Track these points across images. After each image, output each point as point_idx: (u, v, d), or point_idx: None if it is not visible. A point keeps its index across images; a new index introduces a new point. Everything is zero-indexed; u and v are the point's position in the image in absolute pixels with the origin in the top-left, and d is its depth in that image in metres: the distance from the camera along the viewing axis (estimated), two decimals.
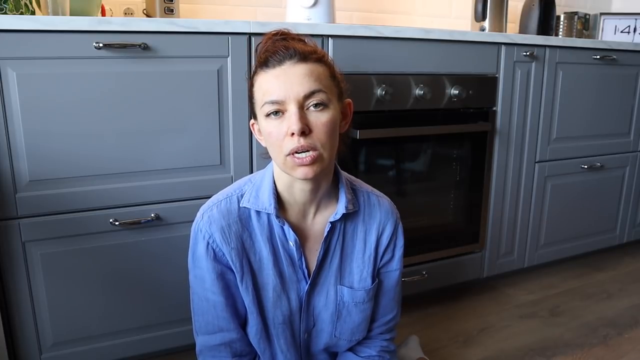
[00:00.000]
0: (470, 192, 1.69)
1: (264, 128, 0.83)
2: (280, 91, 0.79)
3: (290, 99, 0.79)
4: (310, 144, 0.80)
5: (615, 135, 1.98)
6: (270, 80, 0.81)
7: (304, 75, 0.80)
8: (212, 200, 0.93)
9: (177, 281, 1.30)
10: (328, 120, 0.81)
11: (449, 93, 1.55)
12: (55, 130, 1.12)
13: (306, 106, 0.80)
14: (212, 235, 0.88)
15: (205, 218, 0.90)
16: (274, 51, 0.82)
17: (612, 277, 2.02)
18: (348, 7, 2.00)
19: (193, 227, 0.91)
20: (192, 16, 1.76)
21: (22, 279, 1.16)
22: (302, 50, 0.81)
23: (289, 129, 0.79)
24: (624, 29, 2.32)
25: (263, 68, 0.82)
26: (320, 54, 0.84)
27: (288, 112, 0.80)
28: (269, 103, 0.80)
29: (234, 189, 0.93)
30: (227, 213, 0.90)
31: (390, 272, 1.01)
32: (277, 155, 0.83)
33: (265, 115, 0.81)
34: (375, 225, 0.97)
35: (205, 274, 0.90)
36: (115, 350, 1.29)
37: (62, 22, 1.07)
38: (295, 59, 0.80)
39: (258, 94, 0.83)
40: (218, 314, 0.92)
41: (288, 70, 0.80)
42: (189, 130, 1.24)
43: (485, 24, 1.98)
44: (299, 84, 0.79)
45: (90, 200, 1.18)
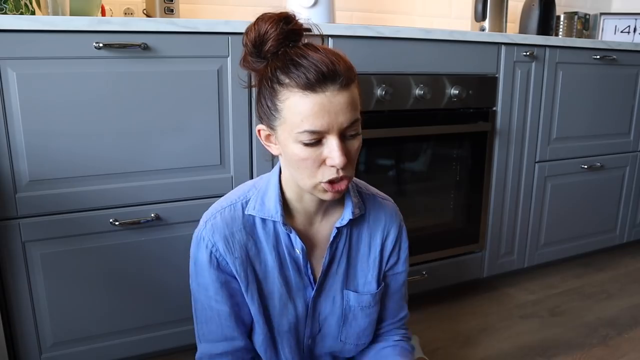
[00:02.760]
0: (470, 192, 1.69)
1: (295, 152, 0.77)
2: (324, 122, 0.73)
3: (333, 130, 0.74)
4: (347, 174, 0.78)
5: (615, 135, 1.98)
6: (313, 108, 0.73)
7: (348, 104, 0.75)
8: (215, 207, 0.89)
9: (177, 281, 1.30)
10: (360, 145, 0.80)
11: (449, 93, 1.55)
12: (55, 130, 1.12)
13: (345, 135, 0.77)
14: (215, 244, 0.85)
15: (208, 226, 0.86)
16: (306, 65, 0.73)
17: (612, 277, 2.02)
18: (348, 7, 2.00)
19: (195, 235, 0.88)
20: (192, 16, 1.76)
21: (22, 279, 1.16)
22: (345, 72, 0.74)
23: (328, 161, 0.76)
24: (624, 29, 2.32)
25: (298, 85, 0.73)
26: (354, 71, 0.78)
27: (328, 142, 0.75)
28: (309, 132, 0.74)
29: (238, 196, 0.89)
30: (231, 221, 0.86)
31: (397, 274, 0.99)
32: (306, 179, 0.79)
33: (301, 143, 0.75)
34: (380, 229, 0.95)
35: (208, 282, 0.87)
36: (115, 350, 1.29)
37: (62, 22, 1.07)
38: (338, 85, 0.73)
39: (291, 115, 0.75)
40: (222, 323, 0.89)
41: (333, 99, 0.73)
42: (189, 130, 1.24)
43: (485, 24, 1.98)
44: (343, 115, 0.74)
45: (90, 200, 1.18)
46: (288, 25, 0.78)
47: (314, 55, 0.74)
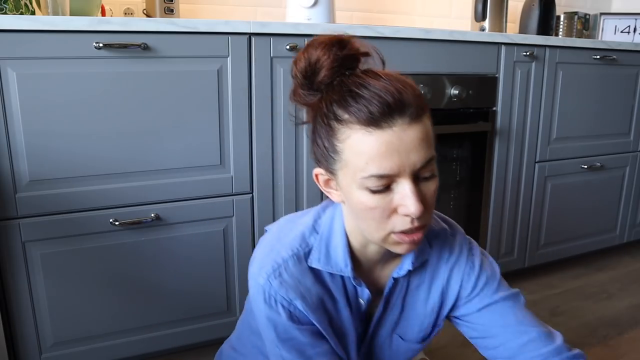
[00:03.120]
0: (470, 192, 1.69)
1: (360, 200, 0.66)
2: (393, 164, 0.62)
3: (405, 172, 0.63)
4: (423, 223, 0.67)
5: (615, 135, 1.98)
6: (379, 148, 0.62)
7: (421, 140, 0.63)
8: (272, 256, 0.76)
9: (177, 281, 1.30)
10: (436, 188, 0.68)
11: (449, 93, 1.55)
12: (55, 130, 1.12)
13: (419, 177, 0.65)
14: (291, 302, 0.74)
15: (276, 284, 0.73)
16: (369, 96, 0.62)
17: (612, 277, 2.02)
18: (348, 7, 2.00)
19: (261, 295, 0.75)
20: (192, 16, 1.76)
21: (22, 279, 1.16)
22: (414, 101, 0.63)
23: (401, 208, 0.65)
24: (624, 29, 2.32)
25: (360, 121, 0.63)
26: (424, 100, 0.66)
27: (399, 186, 0.64)
28: (377, 177, 0.63)
29: (298, 243, 0.76)
30: (301, 275, 0.75)
31: (489, 305, 0.83)
32: (374, 231, 0.69)
33: (368, 190, 0.65)
34: (443, 270, 0.84)
35: (301, 342, 0.76)
36: (115, 350, 1.29)
37: (62, 22, 1.07)
38: (407, 117, 0.62)
39: (354, 157, 0.64)
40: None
41: (402, 135, 0.62)
42: (189, 130, 1.24)
43: (485, 24, 1.98)
44: (416, 153, 0.63)
45: (90, 200, 1.18)
46: (342, 50, 0.66)
47: (376, 83, 0.63)
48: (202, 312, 1.36)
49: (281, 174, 1.36)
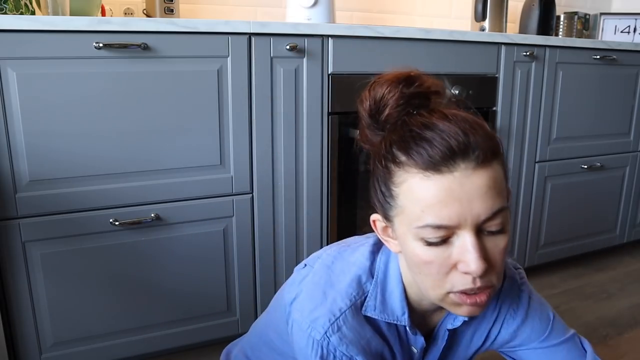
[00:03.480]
0: None
1: (415, 252, 0.60)
2: (453, 214, 0.56)
3: (466, 223, 0.56)
4: (486, 284, 0.59)
5: (615, 135, 1.98)
6: (438, 195, 0.56)
7: (488, 189, 0.56)
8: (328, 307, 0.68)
9: (177, 281, 1.30)
10: (506, 246, 0.60)
11: (449, 93, 1.55)
12: (55, 130, 1.12)
13: (483, 230, 0.58)
14: (352, 358, 0.68)
15: (335, 340, 0.66)
16: (431, 137, 0.57)
17: (612, 277, 2.02)
18: (348, 7, 2.00)
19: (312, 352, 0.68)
20: (192, 16, 1.76)
21: (22, 279, 1.16)
22: (483, 144, 0.57)
23: (461, 265, 0.58)
24: (624, 29, 2.32)
25: (417, 163, 0.57)
26: (497, 143, 0.60)
27: (459, 240, 0.58)
28: (434, 228, 0.57)
29: (355, 291, 0.70)
30: (360, 327, 0.68)
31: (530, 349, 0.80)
32: (431, 287, 0.62)
33: (424, 242, 0.59)
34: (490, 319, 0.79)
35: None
36: (115, 350, 1.29)
37: (62, 22, 1.07)
38: (473, 162, 0.56)
39: (410, 204, 0.59)
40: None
41: (465, 181, 0.55)
42: (189, 130, 1.24)
43: (485, 24, 1.98)
44: (480, 202, 0.56)
45: (90, 200, 1.18)
46: (410, 88, 0.62)
47: (441, 124, 0.58)
48: (202, 312, 1.36)
49: (281, 174, 1.36)
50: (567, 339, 0.80)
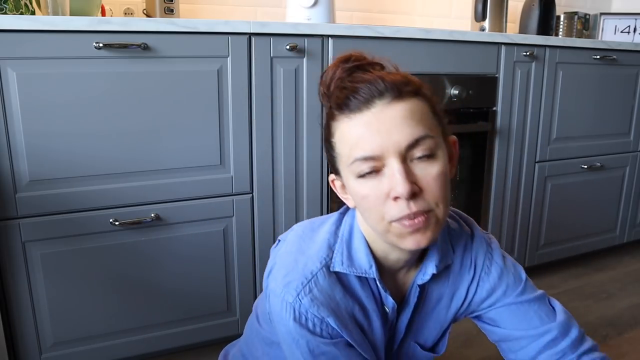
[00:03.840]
0: (470, 192, 1.69)
1: (355, 189, 0.66)
2: (374, 144, 0.62)
3: (389, 152, 0.62)
4: (422, 207, 0.63)
5: (615, 135, 1.98)
6: (358, 130, 0.63)
7: (404, 118, 0.62)
8: (299, 271, 0.72)
9: (177, 281, 1.30)
10: (439, 172, 0.64)
11: (449, 93, 1.55)
12: (55, 130, 1.12)
13: (410, 158, 0.63)
14: (323, 319, 0.70)
15: (307, 302, 0.70)
16: (353, 88, 0.64)
17: (612, 277, 2.02)
18: (348, 7, 2.00)
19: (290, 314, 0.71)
20: (192, 16, 1.76)
21: (22, 279, 1.16)
22: (394, 81, 0.63)
23: (391, 192, 0.62)
24: (624, 29, 2.32)
25: (344, 111, 0.64)
26: (416, 84, 0.66)
27: (388, 169, 0.63)
28: (361, 160, 0.63)
29: (325, 253, 0.73)
30: (331, 290, 0.71)
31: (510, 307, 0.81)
32: (376, 222, 0.66)
33: (357, 176, 0.65)
34: (467, 278, 0.82)
35: (335, 355, 0.72)
36: (115, 350, 1.29)
37: (62, 22, 1.07)
38: (388, 97, 0.62)
39: (342, 147, 0.66)
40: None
41: (381, 115, 0.62)
42: (189, 130, 1.24)
43: (485, 24, 1.98)
44: (398, 132, 0.62)
45: (90, 200, 1.18)
46: (349, 63, 0.68)
47: (364, 76, 0.65)
48: (202, 312, 1.36)
49: (281, 174, 1.36)
50: (539, 296, 0.82)
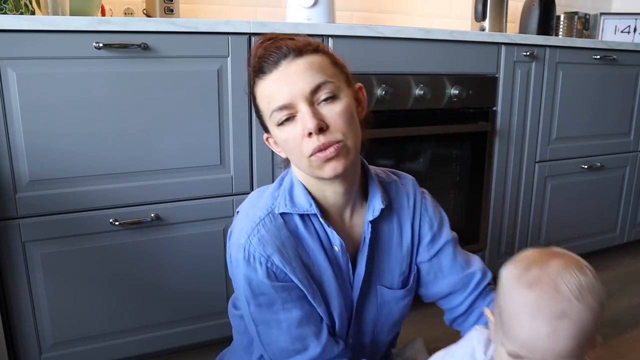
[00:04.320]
0: (470, 192, 1.69)
1: (279, 137, 0.79)
2: (284, 94, 0.75)
3: (297, 98, 0.74)
4: (331, 139, 0.75)
5: (615, 135, 1.98)
6: (270, 86, 0.76)
7: (305, 70, 0.75)
8: (251, 218, 0.82)
9: (177, 281, 1.30)
10: (343, 109, 0.76)
11: (449, 93, 1.55)
12: (55, 130, 1.12)
13: (316, 101, 0.75)
14: (269, 257, 0.79)
15: (255, 241, 0.79)
16: (265, 56, 0.77)
17: (612, 277, 2.02)
18: (348, 7, 2.00)
19: (240, 254, 0.80)
20: (192, 16, 1.76)
21: (22, 279, 1.16)
22: (295, 45, 0.76)
23: (304, 130, 0.74)
24: (624, 29, 2.32)
25: (259, 75, 0.78)
26: (315, 44, 0.79)
27: (300, 113, 0.75)
28: (277, 110, 0.76)
29: (270, 202, 0.84)
30: (277, 230, 0.81)
31: (443, 248, 0.94)
32: (299, 160, 0.78)
33: (277, 125, 0.77)
34: (408, 216, 0.92)
35: (273, 297, 0.81)
36: (115, 350, 1.29)
37: (62, 22, 1.07)
38: (291, 56, 0.75)
39: (262, 104, 0.79)
40: (292, 334, 0.82)
41: (286, 70, 0.75)
42: (189, 130, 1.24)
43: (485, 24, 1.98)
44: (301, 81, 0.74)
45: (90, 200, 1.18)
46: (268, 41, 0.80)
47: (274, 45, 0.78)
48: (202, 312, 1.36)
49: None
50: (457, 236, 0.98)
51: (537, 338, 0.58)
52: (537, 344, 0.58)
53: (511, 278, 0.64)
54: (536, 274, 0.60)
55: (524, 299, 0.60)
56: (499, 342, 0.65)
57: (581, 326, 0.58)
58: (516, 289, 0.62)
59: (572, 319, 0.57)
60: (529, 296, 0.59)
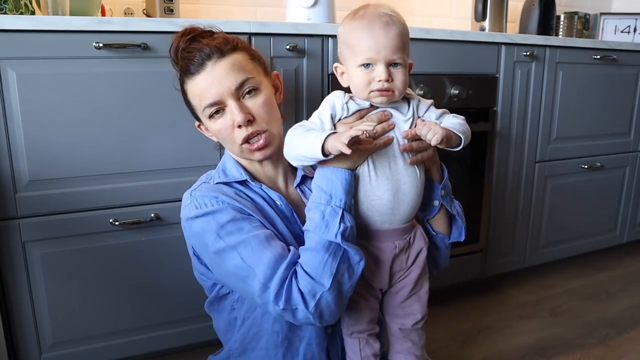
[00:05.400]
0: (470, 192, 1.69)
1: (212, 128, 0.91)
2: (213, 92, 0.86)
3: (225, 95, 0.87)
4: (257, 129, 0.88)
5: (615, 135, 1.98)
6: (200, 85, 0.87)
7: (228, 70, 0.86)
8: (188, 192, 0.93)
9: (177, 281, 1.30)
10: (264, 101, 0.90)
11: (449, 93, 1.55)
12: (55, 130, 1.12)
13: (241, 96, 0.88)
14: (217, 197, 0.87)
15: (199, 193, 0.89)
16: (190, 57, 0.87)
17: (612, 277, 2.02)
18: (348, 7, 1.98)
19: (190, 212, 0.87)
20: (192, 16, 1.76)
21: (22, 279, 1.16)
22: (216, 46, 0.86)
23: (234, 122, 0.87)
24: (624, 29, 2.32)
25: (188, 75, 0.88)
26: (233, 42, 0.89)
27: (228, 107, 0.88)
28: (208, 106, 0.88)
29: (204, 178, 0.97)
30: (216, 187, 0.91)
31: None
32: (231, 146, 0.92)
33: (208, 117, 0.89)
34: None
35: (239, 220, 0.85)
36: (115, 350, 1.29)
37: (62, 22, 1.07)
38: (215, 58, 0.86)
39: (194, 100, 0.90)
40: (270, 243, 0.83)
41: (213, 71, 0.86)
42: (189, 130, 1.24)
43: (485, 24, 1.98)
44: (227, 80, 0.86)
45: (90, 200, 1.18)
46: (187, 36, 0.90)
47: (195, 46, 0.87)
48: (202, 312, 1.35)
49: None
50: None
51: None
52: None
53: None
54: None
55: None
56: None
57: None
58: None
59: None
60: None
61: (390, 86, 0.83)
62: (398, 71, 0.84)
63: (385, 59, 0.82)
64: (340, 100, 0.86)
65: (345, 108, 0.85)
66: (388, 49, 0.81)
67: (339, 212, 0.81)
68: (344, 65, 0.87)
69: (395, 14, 0.84)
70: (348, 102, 0.85)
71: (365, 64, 0.82)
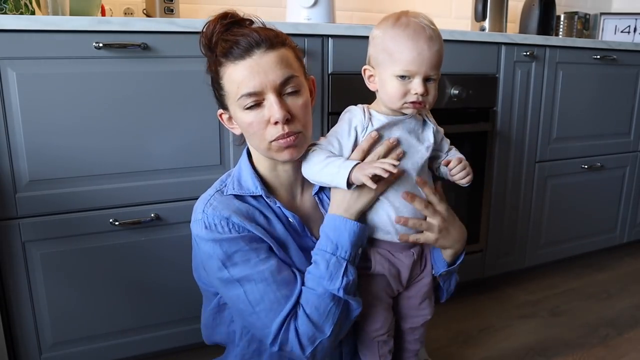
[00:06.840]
0: (470, 192, 1.69)
1: (242, 119, 0.84)
2: (256, 82, 0.80)
3: (267, 88, 0.81)
4: (293, 129, 0.83)
5: (615, 135, 1.98)
6: (244, 72, 0.81)
7: (277, 63, 0.81)
8: (201, 202, 0.89)
9: (177, 281, 1.30)
10: (304, 102, 0.85)
11: (449, 93, 1.55)
12: (55, 130, 1.12)
13: (283, 92, 0.83)
14: (228, 219, 0.84)
15: (210, 211, 0.85)
16: (235, 40, 0.81)
17: (612, 277, 2.02)
18: (348, 7, 2.00)
19: (200, 230, 0.85)
20: (192, 16, 1.76)
21: (22, 279, 1.16)
22: (267, 36, 0.82)
23: (271, 118, 0.81)
24: (624, 29, 2.32)
25: (229, 58, 0.82)
26: (283, 37, 0.85)
27: (267, 102, 0.82)
28: (246, 96, 0.81)
29: (218, 186, 0.91)
30: (228, 200, 0.87)
31: None
32: (259, 143, 0.85)
33: (243, 109, 0.83)
34: None
35: (246, 251, 0.83)
36: (115, 350, 1.29)
37: (62, 22, 1.07)
38: (264, 47, 0.81)
39: (230, 86, 0.83)
40: (276, 280, 0.83)
41: (260, 60, 0.81)
42: (189, 130, 1.24)
43: (485, 24, 1.98)
44: (273, 73, 0.81)
45: (90, 200, 1.18)
46: (226, 19, 0.86)
47: (242, 31, 0.83)
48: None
49: None
50: None
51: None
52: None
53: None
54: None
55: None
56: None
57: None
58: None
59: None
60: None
61: (424, 100, 0.86)
62: (432, 86, 0.86)
63: (424, 73, 0.83)
64: (361, 118, 0.87)
65: (369, 123, 0.87)
66: (429, 65, 0.82)
67: (343, 264, 0.83)
68: (375, 69, 0.87)
69: (435, 27, 0.84)
70: (372, 118, 0.87)
71: (402, 76, 0.82)
